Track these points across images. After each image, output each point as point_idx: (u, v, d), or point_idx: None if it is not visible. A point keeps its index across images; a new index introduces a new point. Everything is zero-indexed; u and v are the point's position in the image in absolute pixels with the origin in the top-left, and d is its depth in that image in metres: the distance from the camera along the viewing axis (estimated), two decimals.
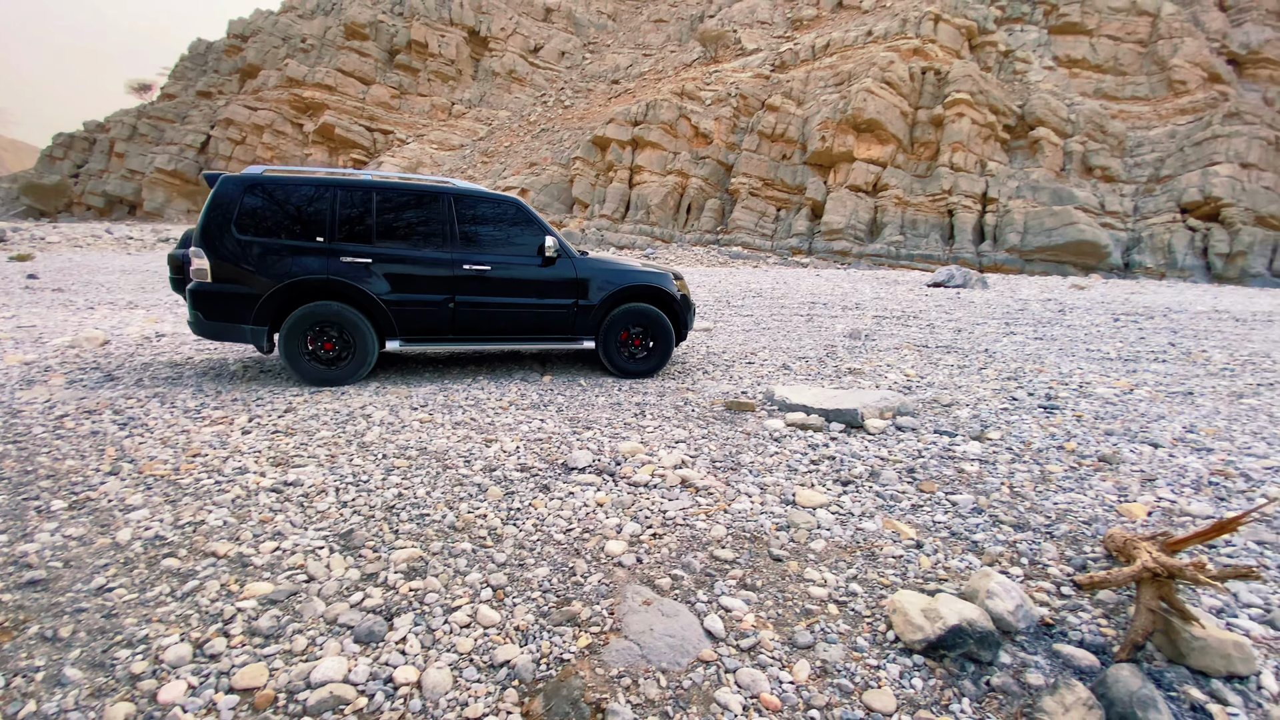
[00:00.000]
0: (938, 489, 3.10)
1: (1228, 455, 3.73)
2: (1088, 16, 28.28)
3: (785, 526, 2.73)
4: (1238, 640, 1.81)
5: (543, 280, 5.41)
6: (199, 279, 4.72)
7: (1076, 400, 4.99)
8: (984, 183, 25.00)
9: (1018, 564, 2.40)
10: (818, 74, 31.36)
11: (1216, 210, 22.20)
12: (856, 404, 4.32)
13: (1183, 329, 9.54)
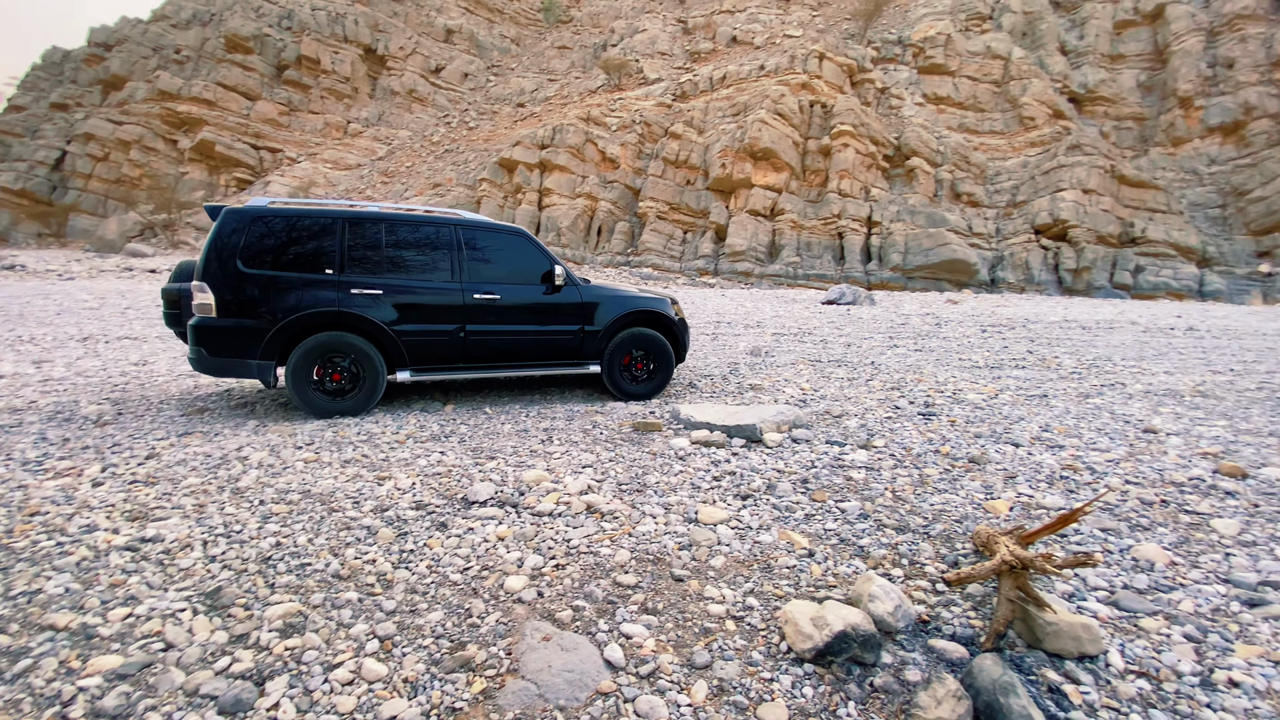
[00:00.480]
0: (828, 498, 3.27)
1: (1076, 451, 4.20)
2: (950, 59, 31.63)
3: (687, 545, 2.77)
4: (1086, 622, 2.02)
5: (551, 307, 5.51)
6: (203, 314, 4.57)
7: (951, 406, 5.46)
8: (869, 207, 27.08)
9: (899, 565, 2.56)
10: (716, 104, 32.88)
11: (1064, 231, 25.27)
12: (756, 419, 4.49)
13: (1039, 338, 10.73)
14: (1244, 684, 1.88)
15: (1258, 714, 1.76)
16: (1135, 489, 3.41)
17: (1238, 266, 24.52)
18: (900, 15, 36.36)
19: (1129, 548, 2.71)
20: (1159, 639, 2.09)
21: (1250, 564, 2.62)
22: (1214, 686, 1.87)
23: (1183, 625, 2.16)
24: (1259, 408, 5.61)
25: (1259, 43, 28.72)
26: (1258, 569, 2.57)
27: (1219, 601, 2.33)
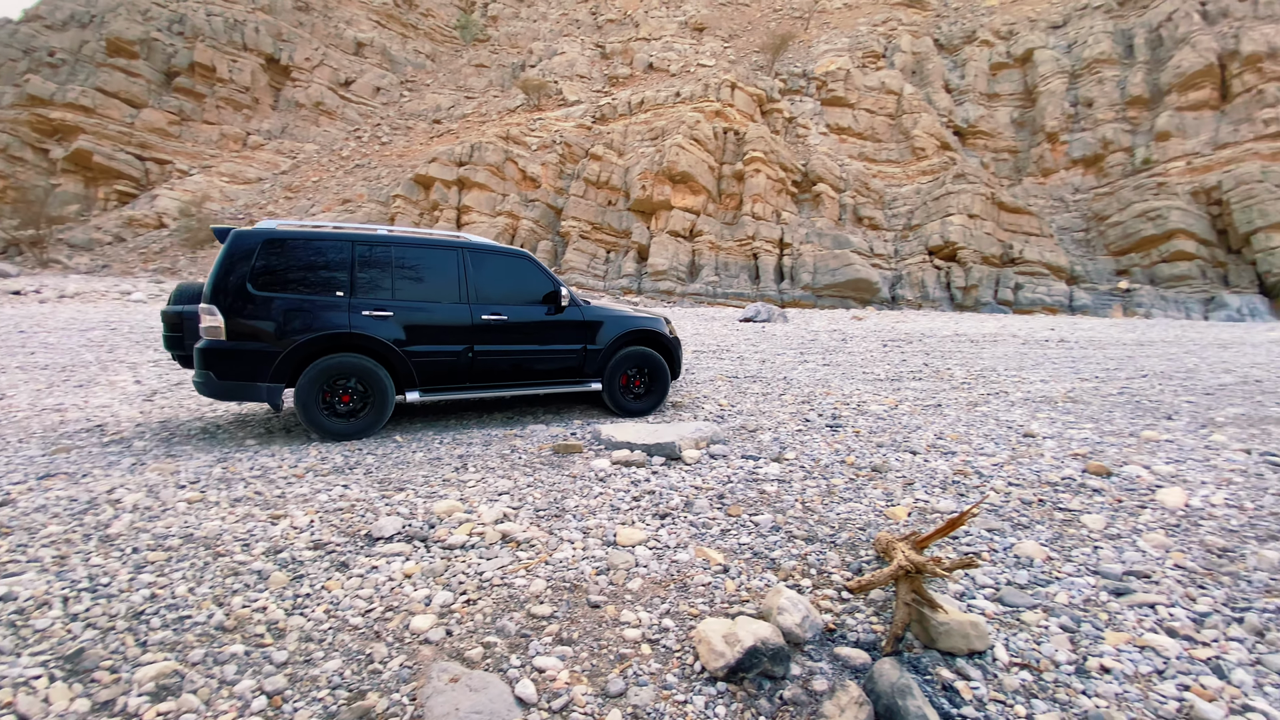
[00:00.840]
0: (743, 512, 3.34)
1: (966, 456, 4.52)
2: (849, 92, 33.97)
3: (605, 569, 2.73)
4: (974, 620, 2.16)
5: (555, 327, 5.65)
6: (212, 337, 4.53)
7: (856, 418, 5.75)
8: (780, 230, 28.40)
9: (808, 575, 2.64)
10: (635, 128, 33.56)
11: (954, 252, 27.51)
12: (675, 437, 4.54)
13: (933, 351, 11.56)
14: (1114, 670, 2.06)
15: (1127, 698, 1.93)
16: (1016, 490, 3.71)
17: (1101, 284, 27.59)
18: (804, 50, 38.73)
19: (1011, 546, 2.93)
20: (1038, 631, 2.26)
21: (1116, 555, 2.89)
22: (1088, 674, 2.04)
23: (1059, 616, 2.34)
24: (1120, 411, 6.29)
25: (1114, 84, 32.79)
26: (1122, 560, 2.85)
27: (1090, 592, 2.55)
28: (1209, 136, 29.01)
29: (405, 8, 49.32)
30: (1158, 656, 2.12)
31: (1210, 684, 1.98)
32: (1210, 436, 5.13)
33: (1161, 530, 3.15)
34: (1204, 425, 5.61)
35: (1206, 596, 2.53)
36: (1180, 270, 26.28)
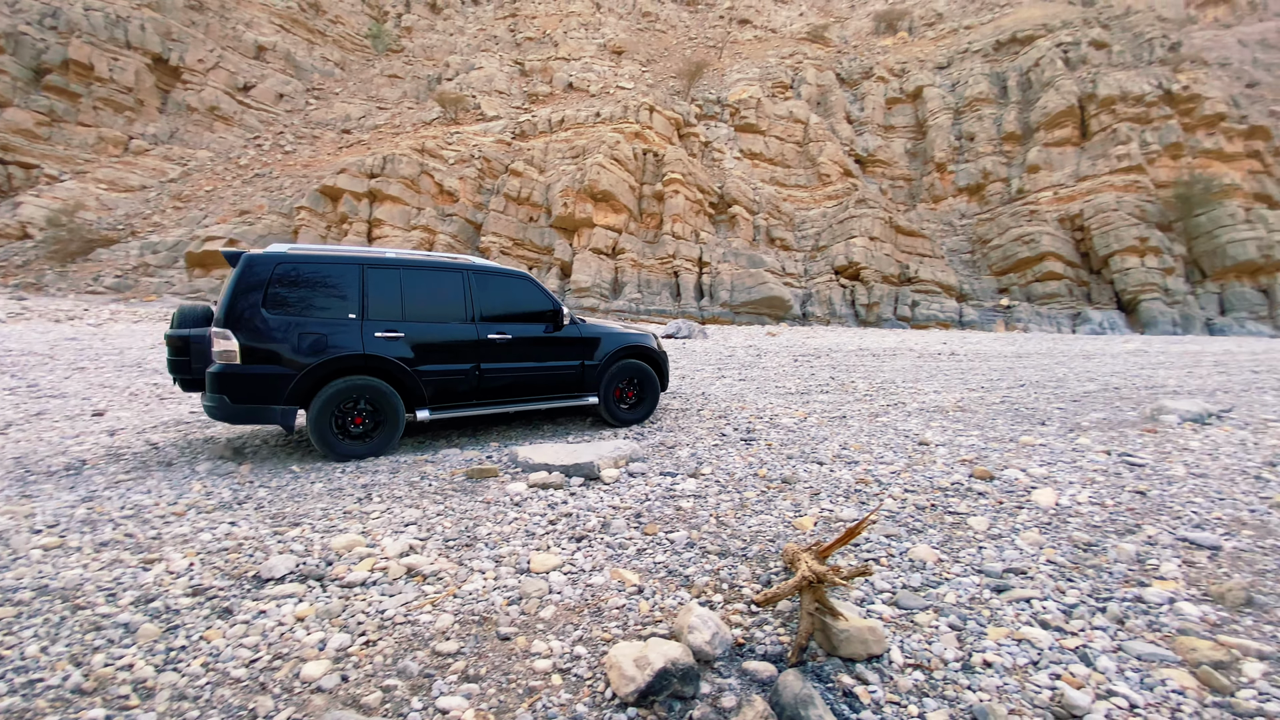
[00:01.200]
0: (659, 530, 3.35)
1: (868, 465, 4.77)
2: (761, 120, 35.66)
3: (517, 599, 2.65)
4: (872, 625, 2.26)
5: (556, 344, 5.90)
6: (226, 361, 4.51)
7: (768, 431, 5.95)
8: (699, 249, 29.21)
9: (720, 590, 2.68)
10: (556, 145, 33.58)
11: (857, 272, 29.29)
12: (594, 456, 4.51)
13: (839, 365, 12.21)
14: (995, 664, 2.21)
15: (1006, 690, 2.08)
16: (911, 496, 3.95)
17: (985, 300, 30.23)
18: (718, 79, 40.35)
19: (906, 550, 3.11)
20: (930, 631, 2.40)
21: (997, 554, 3.13)
22: (973, 669, 2.18)
23: (948, 616, 2.50)
24: (1002, 418, 6.87)
25: (991, 121, 36.29)
26: (1003, 558, 3.08)
27: (975, 591, 2.74)
28: (1072, 169, 32.68)
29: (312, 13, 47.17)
30: (1033, 648, 2.30)
31: (1078, 672, 2.17)
32: (1077, 440, 5.69)
33: (1036, 529, 3.44)
34: (1072, 430, 6.22)
35: (1074, 589, 2.78)
36: (1051, 289, 29.26)
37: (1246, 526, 3.55)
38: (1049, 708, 1.98)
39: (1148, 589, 2.76)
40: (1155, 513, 3.72)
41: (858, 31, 46.53)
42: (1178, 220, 29.94)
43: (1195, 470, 4.65)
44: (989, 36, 40.70)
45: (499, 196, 30.63)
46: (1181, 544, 3.27)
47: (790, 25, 47.25)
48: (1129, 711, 1.98)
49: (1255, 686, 2.11)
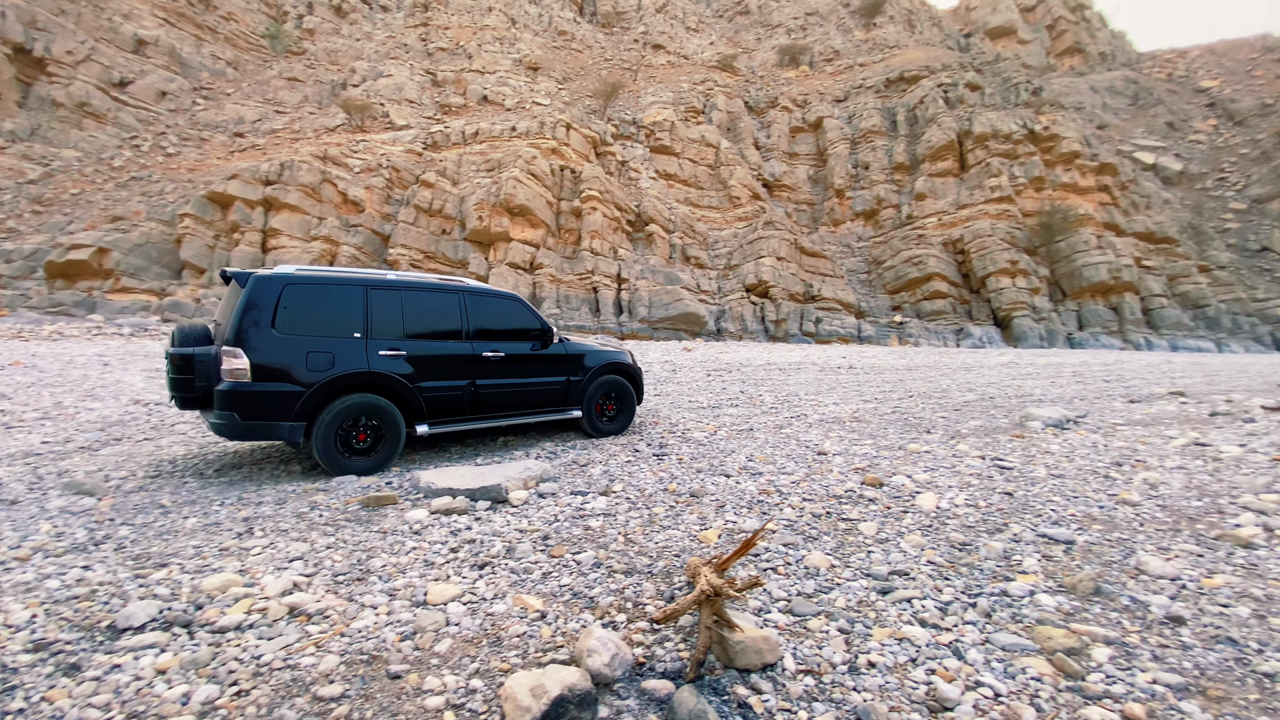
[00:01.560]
0: (566, 552, 3.31)
1: (771, 476, 4.95)
2: (675, 143, 36.72)
3: (411, 633, 2.52)
4: (766, 635, 2.33)
5: (544, 361, 6.21)
6: (236, 379, 4.58)
7: (680, 445, 6.05)
8: (618, 265, 29.49)
9: (624, 610, 2.68)
10: (470, 158, 32.94)
11: (766, 290, 30.60)
12: (502, 478, 4.39)
13: (749, 379, 12.66)
14: (879, 664, 2.34)
15: (887, 688, 2.20)
16: (809, 505, 4.14)
17: (881, 317, 32.45)
18: (633, 100, 41.21)
19: (802, 557, 3.24)
20: (821, 636, 2.50)
21: (884, 557, 3.33)
22: (859, 670, 2.30)
23: (837, 620, 2.63)
24: (893, 427, 7.37)
25: (883, 152, 39.25)
26: (889, 561, 3.28)
27: (863, 594, 2.90)
28: (953, 198, 35.91)
29: (201, 8, 43.86)
30: (912, 646, 2.46)
31: (951, 665, 2.34)
32: (957, 446, 6.20)
33: (919, 531, 3.70)
34: (953, 437, 6.77)
35: (950, 586, 3.00)
36: (937, 306, 31.88)
37: (1096, 522, 3.99)
38: (924, 702, 2.12)
39: (1012, 583, 3.02)
40: (1020, 512, 4.10)
41: (764, 63, 49.12)
42: (1042, 245, 33.58)
43: (1054, 471, 5.18)
44: (880, 74, 44.19)
45: (409, 208, 29.59)
46: (1041, 540, 3.62)
47: (701, 53, 49.14)
48: (994, 700, 2.14)
49: (1103, 670, 2.34)
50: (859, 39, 50.93)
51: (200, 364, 4.89)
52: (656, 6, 52.75)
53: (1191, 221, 39.16)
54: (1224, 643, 2.54)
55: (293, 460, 5.64)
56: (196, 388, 4.96)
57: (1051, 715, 2.07)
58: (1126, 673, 2.31)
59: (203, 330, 5.29)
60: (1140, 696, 2.17)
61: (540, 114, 35.03)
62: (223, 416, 4.59)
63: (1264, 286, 35.64)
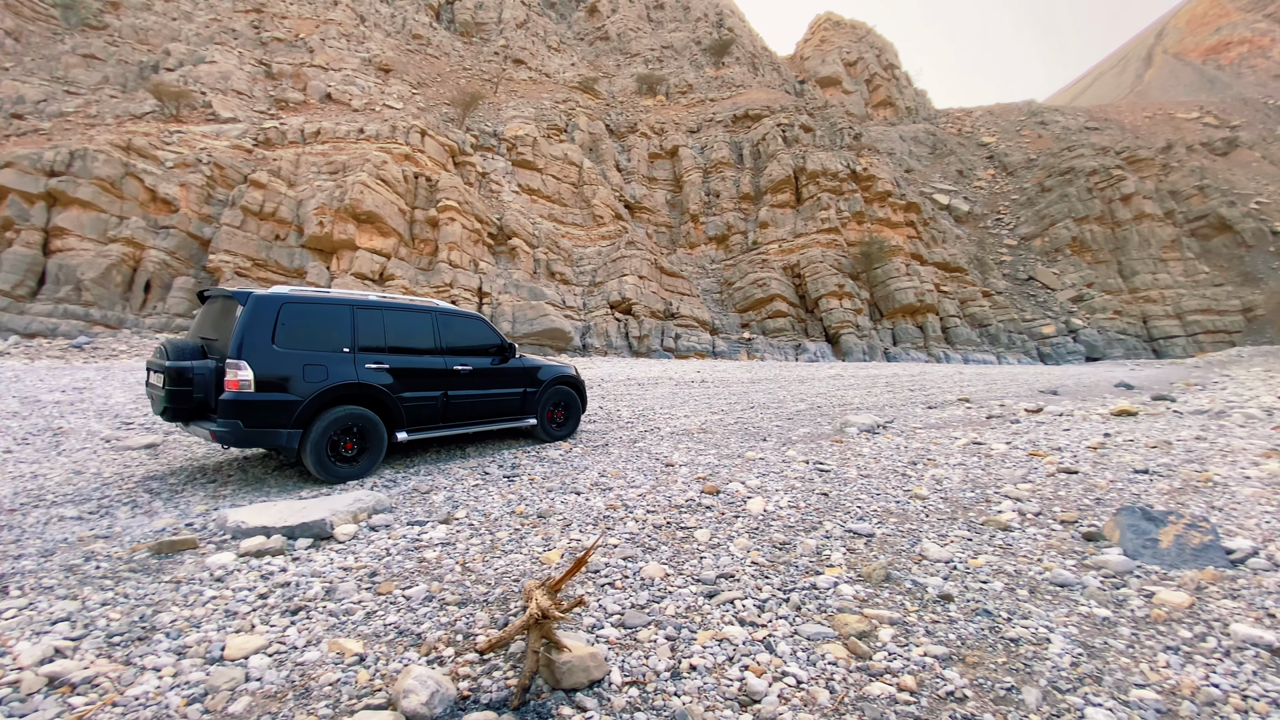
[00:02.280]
0: (395, 588, 3.13)
1: (620, 491, 5.08)
2: (537, 158, 36.62)
3: (201, 695, 2.23)
4: (594, 651, 2.37)
5: (506, 374, 6.83)
6: (241, 389, 4.88)
7: (533, 465, 6.00)
8: (479, 279, 28.62)
9: (453, 643, 2.59)
10: (310, 159, 30.27)
11: (629, 307, 31.44)
12: (327, 512, 4.05)
13: (609, 394, 12.90)
14: (699, 666, 2.47)
15: (705, 689, 2.33)
16: (652, 517, 4.30)
17: (732, 334, 34.74)
18: (494, 112, 40.54)
19: (640, 569, 3.36)
20: (649, 646, 2.61)
21: (714, 562, 3.54)
22: (680, 675, 2.41)
23: (665, 628, 2.75)
24: (734, 437, 7.89)
25: (732, 182, 42.25)
26: (718, 565, 3.50)
27: (691, 600, 3.06)
28: (790, 228, 39.59)
29: None
30: (730, 645, 2.64)
31: (762, 660, 2.54)
32: (787, 453, 6.79)
33: (746, 535, 4.00)
34: (784, 444, 7.41)
35: (768, 584, 3.27)
36: (779, 324, 34.83)
37: (893, 515, 4.57)
38: (736, 698, 2.29)
39: (820, 576, 3.37)
40: (833, 510, 4.60)
41: (624, 89, 50.84)
42: (863, 271, 38.11)
43: (863, 472, 5.87)
44: (728, 110, 47.73)
45: (235, 209, 26.49)
46: (848, 534, 4.08)
47: (563, 73, 49.71)
48: (796, 687, 2.36)
49: (886, 649, 2.66)
50: (710, 76, 54.64)
51: (198, 377, 5.08)
52: (518, 22, 52.55)
53: (976, 254, 46.72)
54: (981, 614, 3.01)
55: (66, 503, 4.74)
56: (194, 399, 5.13)
57: (842, 695, 2.33)
58: (904, 649, 2.66)
59: (195, 346, 5.39)
60: (913, 669, 2.51)
61: (392, 118, 33.16)
62: (227, 424, 4.87)
63: (1030, 309, 43.40)
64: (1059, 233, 47.33)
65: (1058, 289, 44.76)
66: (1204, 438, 7.49)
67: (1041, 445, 7.22)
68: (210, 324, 5.54)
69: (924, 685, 2.39)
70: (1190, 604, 3.04)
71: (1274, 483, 5.25)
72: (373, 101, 36.19)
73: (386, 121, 32.30)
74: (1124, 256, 46.18)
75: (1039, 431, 8.36)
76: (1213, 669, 2.48)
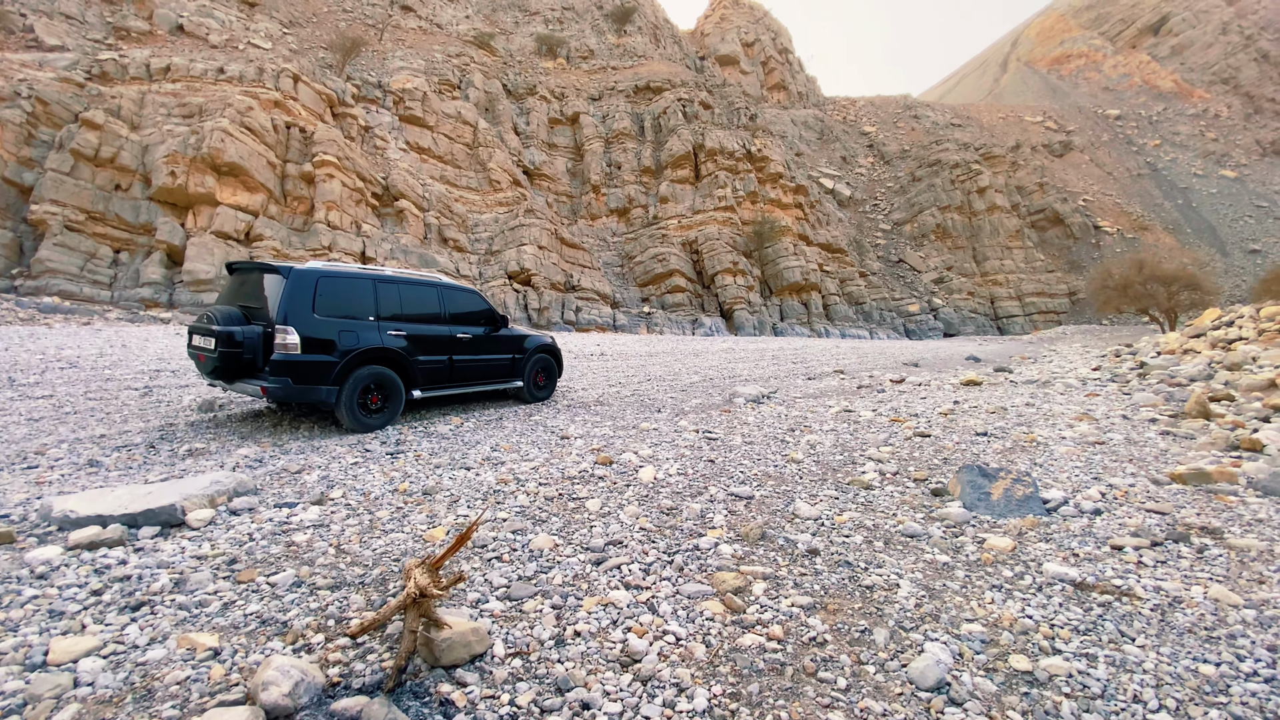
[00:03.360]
0: (259, 575, 2.90)
1: (513, 465, 5.00)
2: (428, 115, 34.35)
3: (19, 707, 1.96)
4: (475, 626, 2.34)
5: (499, 341, 7.82)
6: (289, 351, 5.59)
7: (420, 441, 5.76)
8: (362, 242, 26.63)
9: (323, 629, 2.45)
10: (158, 99, 26.46)
11: (529, 278, 30.70)
12: (178, 496, 3.65)
13: None
14: (584, 632, 2.52)
15: (588, 654, 2.38)
16: (544, 489, 4.30)
17: (632, 308, 35.06)
18: (379, 61, 37.39)
19: (529, 542, 3.36)
20: (535, 616, 2.62)
21: (603, 530, 3.61)
22: (564, 643, 2.45)
23: (551, 598, 2.77)
24: (631, 409, 8.02)
25: (633, 154, 42.09)
26: (607, 533, 3.57)
27: (579, 568, 3.10)
28: (690, 204, 40.29)
29: None
30: (615, 609, 2.72)
31: (645, 620, 2.63)
32: (679, 423, 7.02)
33: (637, 503, 4.11)
34: (677, 415, 7.65)
35: (654, 548, 3.39)
36: (678, 299, 35.62)
37: (771, 478, 4.87)
38: (618, 660, 2.36)
39: (703, 538, 3.54)
40: (718, 476, 4.83)
41: (522, 48, 48.70)
42: (755, 250, 39.71)
43: (747, 439, 6.20)
44: (630, 81, 47.25)
45: (63, 153, 22.81)
46: (730, 498, 4.31)
47: (457, 25, 46.68)
48: (675, 644, 2.48)
49: (759, 602, 2.86)
50: (612, 43, 53.64)
51: (248, 340, 5.63)
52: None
53: (855, 237, 50.18)
54: (843, 565, 3.31)
55: None
56: (244, 360, 5.69)
57: (717, 649, 2.47)
58: (774, 601, 2.87)
59: (238, 313, 5.89)
60: (781, 619, 2.71)
61: (259, 58, 29.62)
62: (278, 381, 5.55)
63: (899, 289, 47.45)
64: (926, 219, 51.83)
65: (923, 271, 49.21)
66: (1032, 404, 8.63)
67: (902, 412, 7.98)
68: (247, 293, 6.12)
69: (790, 633, 2.60)
70: (1013, 548, 3.52)
71: (1083, 442, 6.18)
72: (235, 38, 32.12)
73: (252, 62, 28.82)
74: (978, 243, 51.54)
75: (900, 400, 9.24)
76: (1028, 603, 2.90)
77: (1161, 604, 2.88)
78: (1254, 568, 3.28)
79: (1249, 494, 4.47)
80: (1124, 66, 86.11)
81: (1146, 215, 58.99)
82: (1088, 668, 2.38)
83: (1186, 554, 3.45)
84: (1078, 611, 2.82)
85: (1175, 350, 14.41)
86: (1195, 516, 4.01)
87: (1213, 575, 3.18)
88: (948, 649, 2.47)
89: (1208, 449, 5.88)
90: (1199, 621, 2.73)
